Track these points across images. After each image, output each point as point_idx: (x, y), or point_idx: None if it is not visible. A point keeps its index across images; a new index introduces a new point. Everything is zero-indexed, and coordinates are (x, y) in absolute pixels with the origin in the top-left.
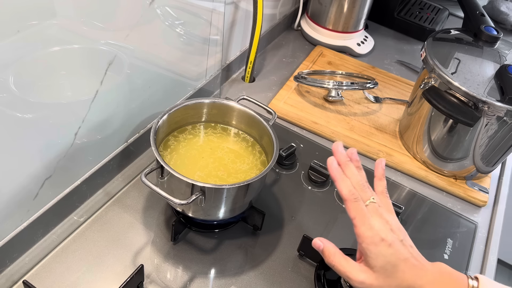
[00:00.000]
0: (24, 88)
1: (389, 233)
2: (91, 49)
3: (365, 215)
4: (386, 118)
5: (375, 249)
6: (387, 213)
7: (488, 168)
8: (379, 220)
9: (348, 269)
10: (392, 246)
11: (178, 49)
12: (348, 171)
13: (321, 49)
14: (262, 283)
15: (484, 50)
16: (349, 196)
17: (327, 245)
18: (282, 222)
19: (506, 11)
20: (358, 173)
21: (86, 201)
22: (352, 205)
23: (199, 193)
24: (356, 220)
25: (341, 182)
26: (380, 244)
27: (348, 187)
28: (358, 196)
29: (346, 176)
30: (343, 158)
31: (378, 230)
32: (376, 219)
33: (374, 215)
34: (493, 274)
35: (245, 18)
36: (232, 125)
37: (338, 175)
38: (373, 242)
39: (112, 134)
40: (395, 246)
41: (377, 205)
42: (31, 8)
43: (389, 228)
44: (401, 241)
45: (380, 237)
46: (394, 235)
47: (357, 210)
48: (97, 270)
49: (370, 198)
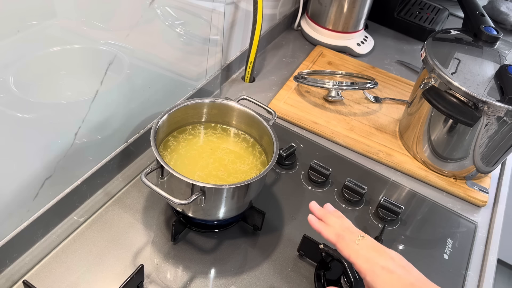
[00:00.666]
0: (24, 88)
1: (389, 261)
2: (91, 49)
3: (358, 251)
4: (386, 118)
5: (378, 279)
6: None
7: (488, 168)
8: (374, 253)
9: None
10: (394, 273)
11: (178, 49)
12: (330, 221)
13: (321, 49)
14: (262, 283)
15: (484, 50)
16: (337, 238)
17: None
18: (282, 222)
19: (506, 11)
20: (340, 220)
21: (86, 201)
22: (342, 245)
23: (199, 193)
24: (352, 257)
25: (325, 230)
26: (382, 272)
27: (333, 232)
28: (345, 236)
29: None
30: (321, 212)
31: (376, 260)
32: (370, 251)
33: (368, 249)
34: (493, 274)
35: (245, 18)
36: (232, 125)
37: (321, 227)
38: (374, 272)
39: (112, 134)
40: (397, 272)
41: (369, 242)
42: (31, 8)
43: (387, 257)
44: (403, 267)
45: (380, 266)
46: (395, 262)
47: (348, 248)
48: (97, 270)
49: (358, 236)
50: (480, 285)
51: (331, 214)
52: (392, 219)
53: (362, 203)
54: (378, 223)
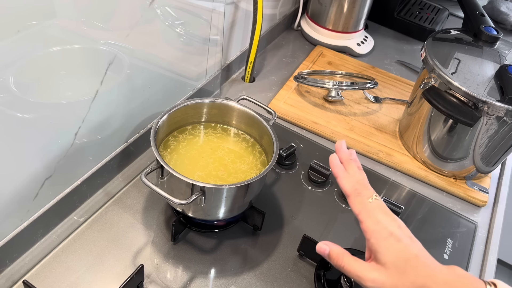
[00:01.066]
0: (24, 88)
1: (397, 229)
2: (91, 49)
3: (370, 210)
4: (386, 118)
5: (384, 243)
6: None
7: (488, 168)
8: (385, 216)
9: (358, 269)
10: (401, 241)
11: (178, 49)
12: (350, 169)
13: (321, 49)
14: (262, 283)
15: (484, 50)
16: (352, 191)
17: (333, 247)
18: (282, 222)
19: (506, 11)
20: (359, 172)
21: (86, 201)
22: (355, 200)
23: (199, 193)
24: (362, 215)
25: (343, 178)
26: (389, 238)
27: (351, 182)
28: (361, 191)
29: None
30: (345, 156)
31: (385, 224)
32: (382, 214)
33: (379, 211)
34: (493, 274)
35: (245, 18)
36: (232, 125)
37: (340, 172)
38: (381, 236)
39: (112, 134)
40: (404, 241)
41: (381, 203)
42: (31, 8)
43: (396, 225)
44: (410, 237)
45: (389, 231)
46: (403, 231)
47: (361, 205)
48: (97, 270)
49: (373, 195)
50: None
51: (354, 162)
52: None
53: None
54: None
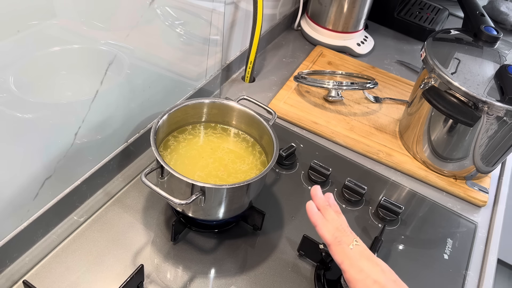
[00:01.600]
0: (24, 88)
1: (381, 275)
2: (91, 49)
3: (352, 258)
4: (386, 118)
5: None
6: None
7: (488, 168)
8: (368, 263)
9: None
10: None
11: (178, 49)
12: (328, 216)
13: (321, 49)
14: (262, 283)
15: (484, 50)
16: (333, 240)
17: None
18: (282, 222)
19: (506, 11)
20: (337, 218)
21: (86, 201)
22: (336, 249)
23: (199, 193)
24: (344, 264)
25: (322, 226)
26: (373, 286)
27: (330, 231)
28: (341, 240)
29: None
30: (322, 202)
31: (369, 272)
32: (364, 261)
33: (361, 258)
34: (493, 274)
35: (245, 18)
36: (232, 125)
37: (319, 220)
38: (365, 285)
39: (112, 134)
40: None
41: (362, 248)
42: (31, 8)
43: (379, 270)
44: (394, 281)
45: (372, 279)
46: (386, 276)
47: (343, 254)
48: (97, 270)
49: (353, 241)
50: (480, 285)
51: (331, 208)
52: (392, 219)
53: (362, 203)
54: (378, 223)
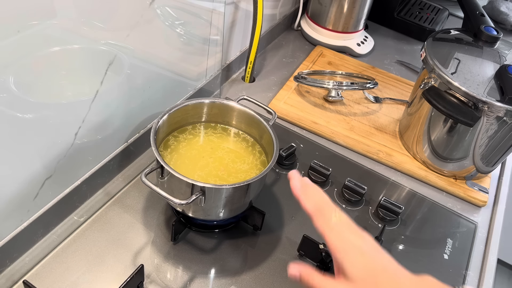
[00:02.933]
0: (24, 88)
1: (362, 243)
2: (91, 49)
3: (333, 227)
4: (386, 118)
5: (350, 258)
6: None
7: (488, 168)
8: (349, 231)
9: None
10: (367, 254)
11: (178, 49)
12: (310, 190)
13: (321, 49)
14: (262, 283)
15: (484, 50)
16: (315, 211)
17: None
18: (282, 222)
19: (506, 11)
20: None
21: (86, 201)
22: (319, 220)
23: (199, 193)
24: (326, 233)
25: (305, 198)
26: (354, 251)
27: (313, 201)
28: (323, 210)
29: (310, 195)
30: (303, 181)
31: (349, 239)
32: (346, 230)
33: (342, 227)
34: (493, 274)
35: (245, 18)
36: (232, 125)
37: (301, 193)
38: (345, 250)
39: (112, 134)
40: (370, 254)
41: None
42: (31, 8)
43: (360, 237)
44: (376, 249)
45: (353, 245)
46: (367, 244)
47: (325, 224)
48: (97, 270)
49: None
50: (480, 285)
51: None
52: (392, 219)
53: (362, 203)
54: (378, 223)
